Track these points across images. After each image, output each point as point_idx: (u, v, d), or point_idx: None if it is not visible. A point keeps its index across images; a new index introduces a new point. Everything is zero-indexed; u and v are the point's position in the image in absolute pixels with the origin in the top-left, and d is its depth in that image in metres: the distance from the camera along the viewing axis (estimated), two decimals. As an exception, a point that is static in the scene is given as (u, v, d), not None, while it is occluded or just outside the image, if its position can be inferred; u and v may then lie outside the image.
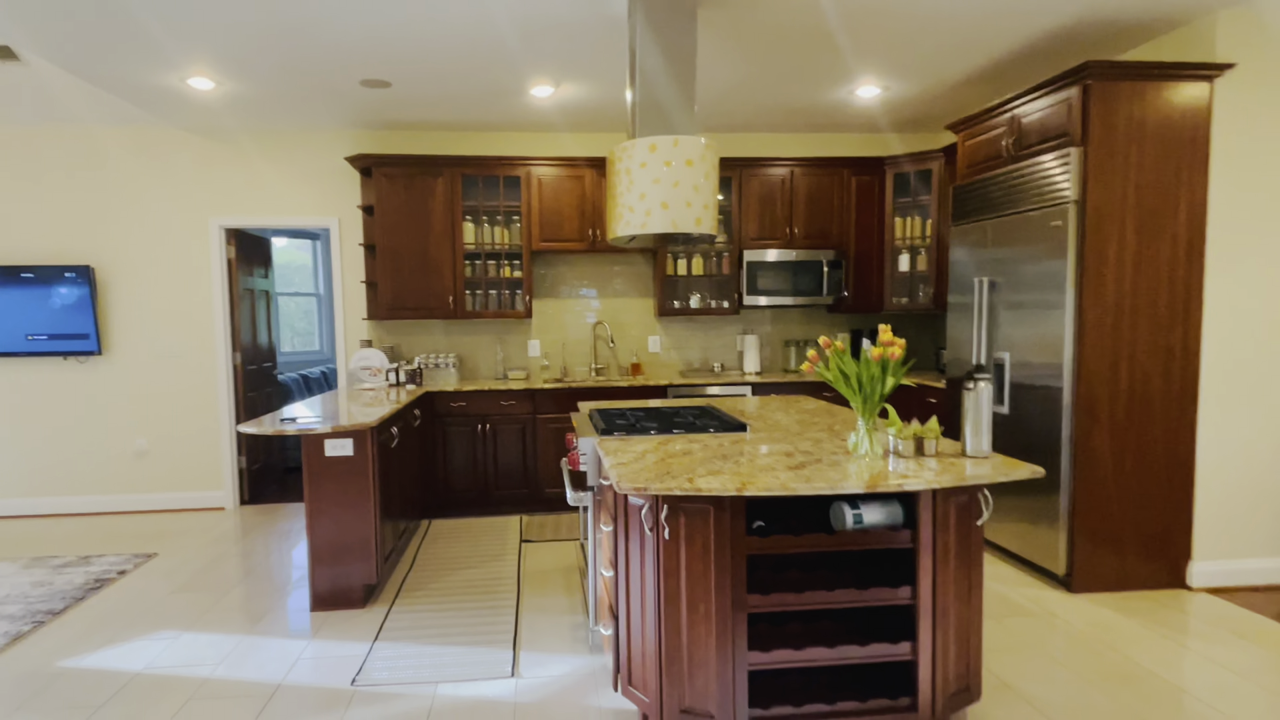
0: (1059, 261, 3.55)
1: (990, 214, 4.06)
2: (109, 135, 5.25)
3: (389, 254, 5.14)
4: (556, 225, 5.23)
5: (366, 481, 3.52)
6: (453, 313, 5.21)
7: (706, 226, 2.90)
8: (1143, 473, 3.58)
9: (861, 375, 2.34)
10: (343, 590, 3.53)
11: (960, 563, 2.29)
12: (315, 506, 3.49)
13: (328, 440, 3.47)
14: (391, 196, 5.11)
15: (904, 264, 5.46)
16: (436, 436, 4.99)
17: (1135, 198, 3.49)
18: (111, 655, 3.07)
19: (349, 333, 5.50)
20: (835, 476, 2.11)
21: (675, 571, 2.19)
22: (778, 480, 2.07)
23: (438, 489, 5.02)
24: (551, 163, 5.20)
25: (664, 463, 2.33)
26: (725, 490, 2.02)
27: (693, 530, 2.18)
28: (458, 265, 5.19)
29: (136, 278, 5.32)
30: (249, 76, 4.21)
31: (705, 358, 5.81)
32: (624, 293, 5.70)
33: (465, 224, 5.20)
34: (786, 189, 5.43)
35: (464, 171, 5.14)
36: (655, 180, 2.80)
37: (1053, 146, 3.64)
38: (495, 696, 2.68)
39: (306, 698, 2.70)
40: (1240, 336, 3.59)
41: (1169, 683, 2.71)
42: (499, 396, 5.01)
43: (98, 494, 5.37)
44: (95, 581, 3.89)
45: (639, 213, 2.84)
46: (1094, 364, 3.51)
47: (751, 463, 2.32)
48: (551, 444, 5.08)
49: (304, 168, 5.40)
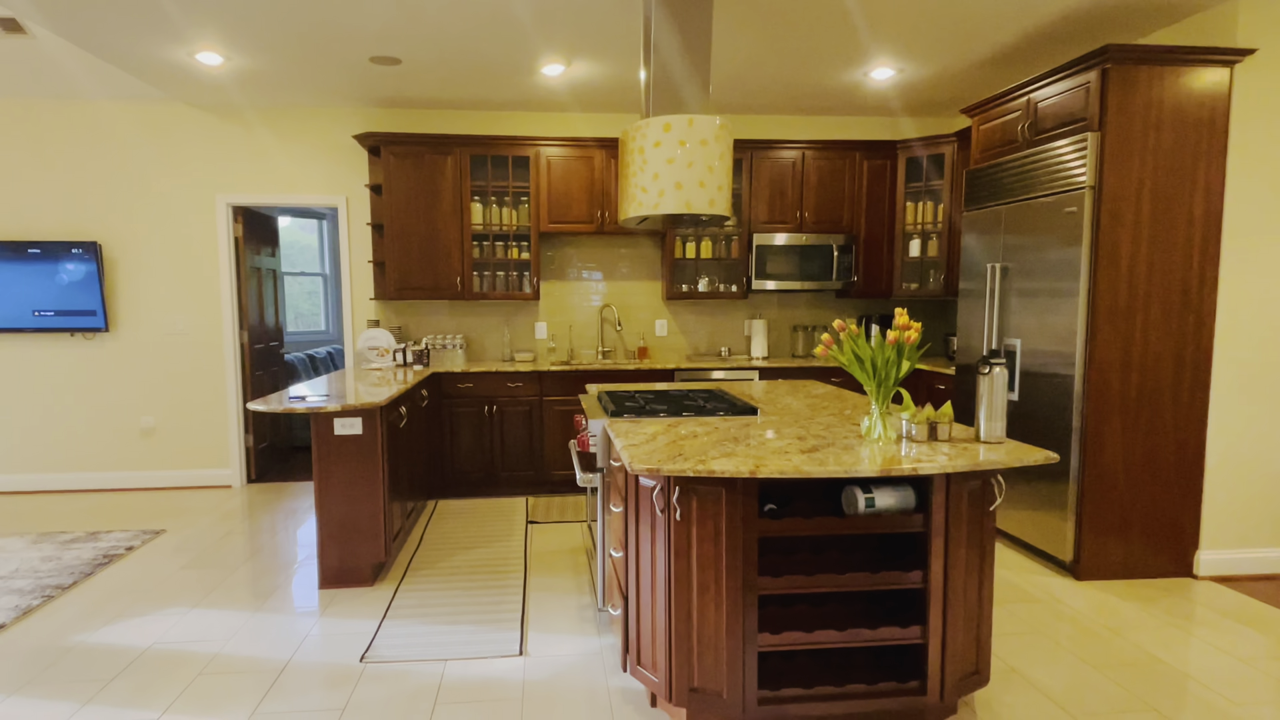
0: (1073, 248, 3.52)
1: (1004, 199, 4.03)
2: (116, 110, 5.22)
3: (397, 234, 5.12)
4: (565, 206, 5.20)
5: (375, 460, 3.52)
6: (460, 294, 5.19)
7: (720, 208, 2.87)
8: (1152, 461, 3.56)
9: (876, 359, 2.32)
10: (351, 568, 3.54)
11: (972, 547, 2.28)
12: (324, 484, 3.49)
13: (337, 419, 3.47)
14: (400, 175, 5.08)
15: (915, 249, 5.43)
16: (444, 417, 4.99)
17: (1151, 184, 3.45)
18: (120, 630, 3.09)
19: (356, 313, 5.49)
20: (849, 460, 2.10)
21: (686, 553, 2.19)
22: (791, 463, 2.06)
23: (445, 469, 5.03)
24: (561, 143, 5.16)
25: (675, 445, 2.33)
26: (738, 472, 2.01)
27: (704, 512, 2.18)
28: (465, 246, 5.16)
29: (144, 254, 5.30)
30: (258, 51, 4.17)
31: (712, 342, 5.79)
32: (631, 276, 5.68)
33: (474, 204, 5.18)
34: (797, 172, 5.38)
35: (473, 151, 5.11)
36: (669, 160, 2.77)
37: (1069, 131, 3.60)
38: (504, 674, 2.69)
39: (315, 674, 2.71)
40: (1254, 325, 3.56)
41: (1175, 669, 2.71)
42: (506, 378, 5.01)
43: (105, 470, 5.39)
44: (104, 557, 3.91)
45: (652, 193, 2.81)
46: (1106, 352, 3.49)
47: (763, 445, 2.31)
48: (558, 426, 5.08)
49: (312, 145, 5.37)
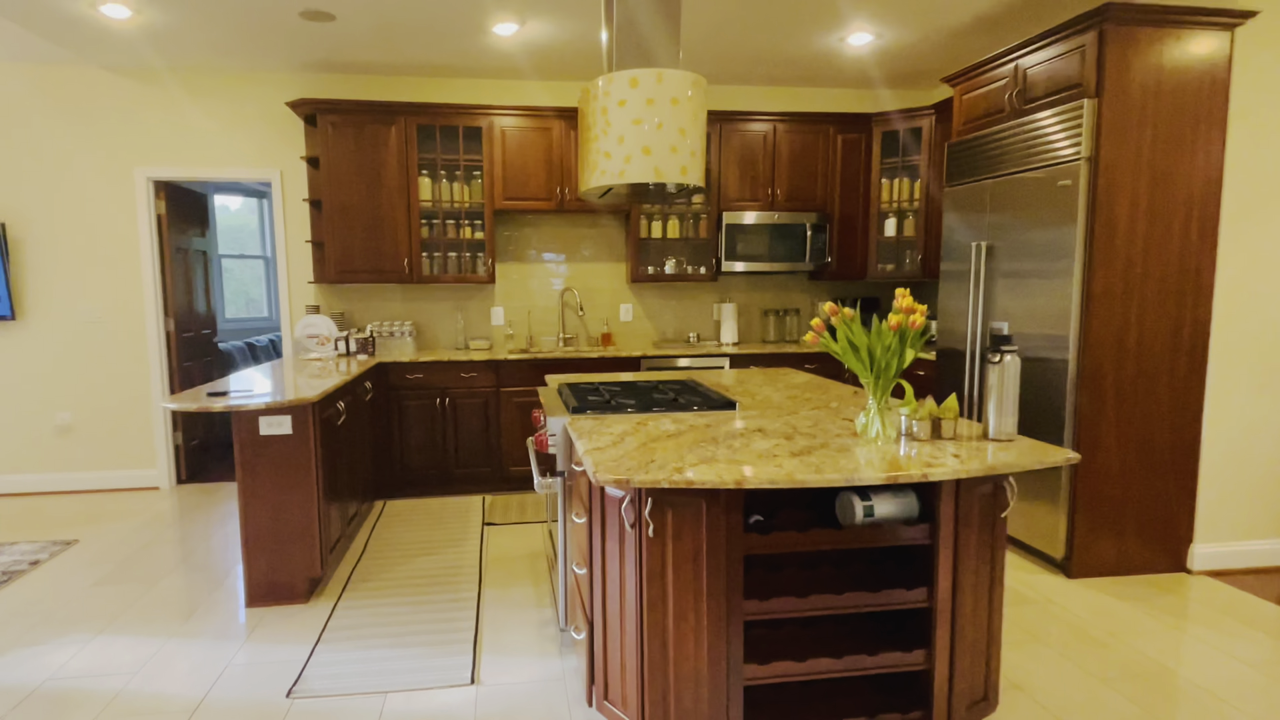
0: (1067, 224, 3.28)
1: (990, 173, 3.78)
2: (16, 74, 4.68)
3: (337, 211, 4.69)
4: (521, 182, 4.83)
5: (308, 462, 3.14)
6: (408, 277, 4.79)
7: (693, 177, 2.55)
8: (1147, 451, 3.37)
9: (874, 347, 2.04)
10: (283, 584, 3.17)
11: (982, 560, 2.02)
12: (249, 491, 3.11)
13: (263, 417, 3.09)
14: (339, 147, 4.65)
15: (890, 229, 5.18)
16: (391, 411, 4.60)
17: (1150, 155, 3.23)
18: (9, 664, 2.68)
19: (294, 297, 5.05)
20: (848, 465, 1.81)
21: (660, 573, 1.89)
22: (783, 470, 1.77)
23: (393, 467, 4.65)
24: (516, 112, 4.77)
25: (646, 448, 2.02)
26: (722, 482, 1.71)
27: (681, 526, 1.87)
28: (413, 225, 4.76)
29: (54, 234, 4.79)
30: (170, 2, 3.70)
31: (680, 327, 5.49)
32: (594, 257, 5.33)
33: (421, 179, 4.77)
34: (769, 146, 5.08)
35: (419, 120, 4.69)
36: (636, 121, 2.43)
37: (1063, 99, 3.35)
38: (453, 708, 2.37)
39: (233, 715, 2.36)
40: (1253, 304, 3.37)
41: (1189, 680, 2.50)
42: (460, 368, 4.64)
43: (14, 474, 4.89)
44: (2, 574, 3.47)
45: (616, 159, 2.48)
46: (1101, 335, 3.27)
47: (747, 447, 2.01)
48: (517, 419, 4.73)
49: (241, 114, 4.89)
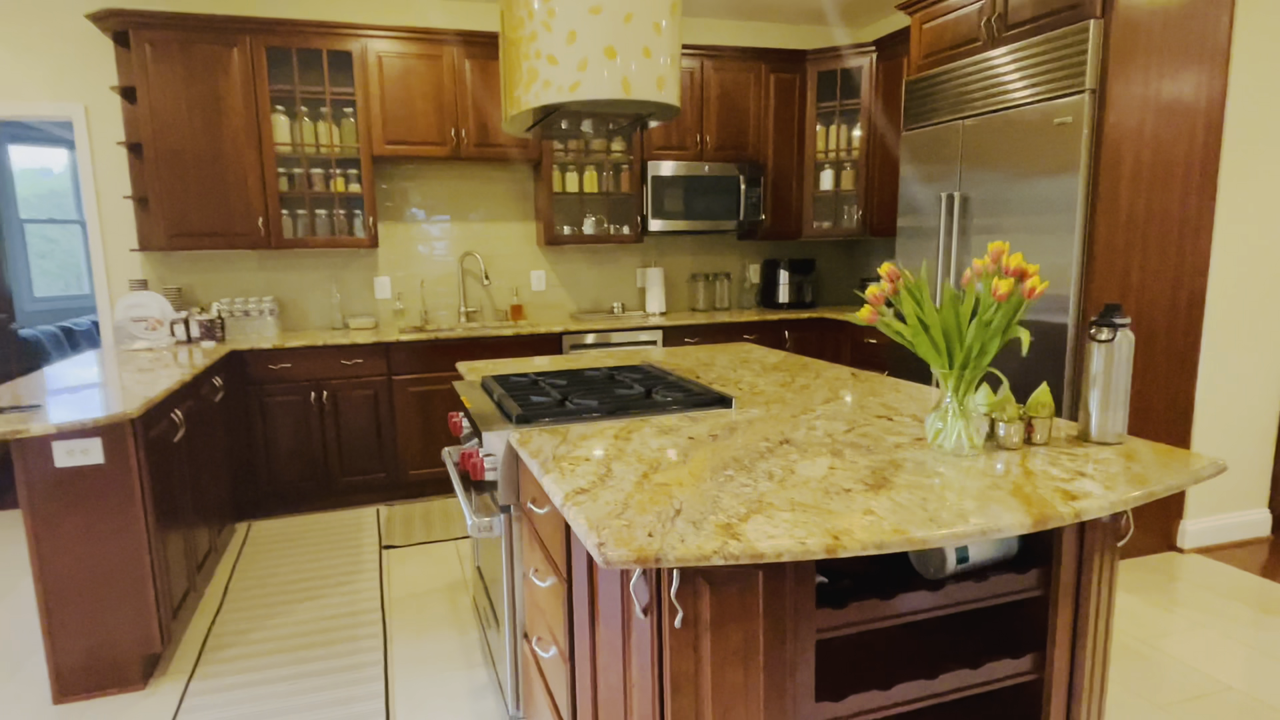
0: (1066, 169, 2.85)
1: (961, 113, 3.30)
2: None
3: (164, 158, 3.65)
4: (407, 122, 3.94)
5: (132, 497, 2.27)
6: (265, 241, 3.84)
7: (670, 95, 1.87)
8: (1143, 419, 3.05)
9: (962, 328, 1.46)
10: (106, 665, 2.31)
11: (1101, 615, 1.51)
12: (47, 545, 2.21)
13: (58, 443, 2.18)
14: (163, 74, 3.60)
15: (827, 181, 4.68)
16: (252, 411, 3.68)
17: (1157, 89, 2.83)
18: None
19: (114, 270, 3.97)
20: (969, 506, 1.23)
21: (693, 678, 1.25)
22: (885, 523, 1.16)
23: (258, 481, 3.74)
24: (398, 34, 3.87)
25: (651, 483, 1.36)
26: (808, 552, 1.09)
27: (724, 610, 1.24)
28: (268, 175, 3.79)
29: None
30: None
31: (599, 296, 4.80)
32: (500, 215, 4.53)
33: (276, 116, 3.80)
34: (696, 86, 4.43)
35: (270, 41, 3.70)
36: (594, 9, 1.71)
37: (1059, 21, 2.89)
38: None
39: None
40: (1248, 257, 3.10)
41: (1196, 670, 2.16)
42: (339, 354, 3.77)
43: None
44: None
45: (567, 67, 1.75)
46: (1103, 294, 2.88)
47: (792, 474, 1.40)
48: (415, 412, 3.92)
49: (24, 32, 3.71)
